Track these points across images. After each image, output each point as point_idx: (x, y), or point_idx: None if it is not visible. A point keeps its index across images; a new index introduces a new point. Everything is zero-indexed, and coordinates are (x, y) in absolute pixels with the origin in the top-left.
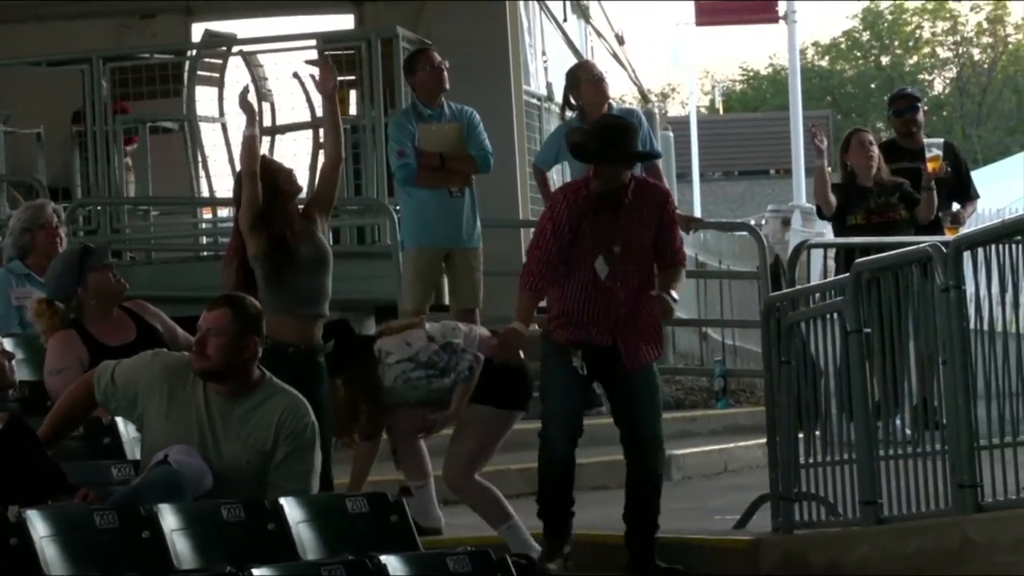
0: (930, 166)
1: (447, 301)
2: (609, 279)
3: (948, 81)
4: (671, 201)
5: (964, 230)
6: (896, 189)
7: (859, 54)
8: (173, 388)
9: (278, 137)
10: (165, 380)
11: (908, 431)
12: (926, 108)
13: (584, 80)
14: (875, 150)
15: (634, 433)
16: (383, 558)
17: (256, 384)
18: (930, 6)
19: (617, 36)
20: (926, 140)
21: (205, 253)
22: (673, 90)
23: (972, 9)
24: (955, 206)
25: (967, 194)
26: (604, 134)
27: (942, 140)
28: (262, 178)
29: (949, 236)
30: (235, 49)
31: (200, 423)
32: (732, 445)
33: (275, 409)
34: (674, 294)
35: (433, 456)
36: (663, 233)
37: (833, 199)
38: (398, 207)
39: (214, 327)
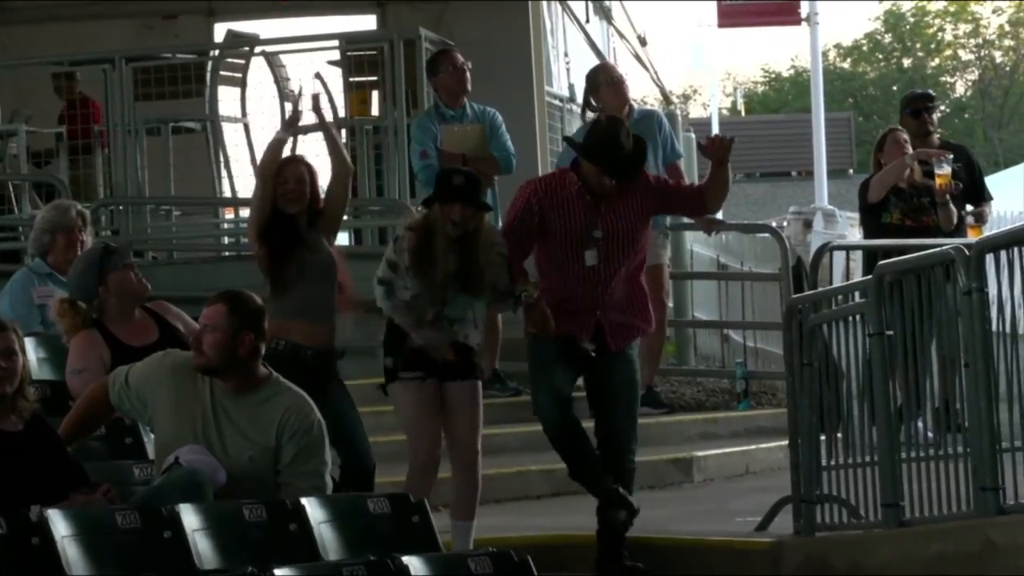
0: (938, 182)
1: None
2: (595, 265)
3: (970, 84)
4: (652, 176)
5: (987, 230)
6: (928, 192)
7: (881, 56)
8: (180, 384)
9: (300, 138)
10: (172, 377)
11: (930, 434)
12: (945, 110)
13: (603, 83)
14: (910, 149)
15: (604, 423)
16: (405, 559)
17: (262, 381)
18: (952, 8)
19: (639, 37)
20: (934, 159)
21: (227, 253)
22: (695, 92)
23: (994, 11)
24: (968, 207)
25: (981, 196)
26: (612, 146)
27: (951, 156)
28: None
29: (972, 237)
30: (257, 49)
31: (205, 417)
32: (753, 447)
33: (278, 407)
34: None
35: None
36: (672, 196)
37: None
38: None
39: (210, 323)
